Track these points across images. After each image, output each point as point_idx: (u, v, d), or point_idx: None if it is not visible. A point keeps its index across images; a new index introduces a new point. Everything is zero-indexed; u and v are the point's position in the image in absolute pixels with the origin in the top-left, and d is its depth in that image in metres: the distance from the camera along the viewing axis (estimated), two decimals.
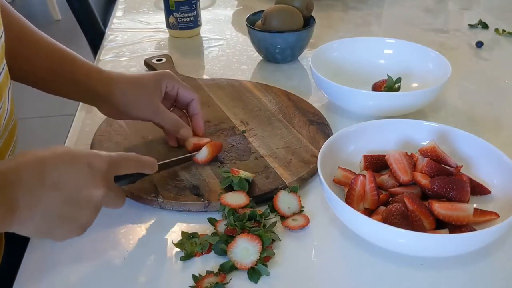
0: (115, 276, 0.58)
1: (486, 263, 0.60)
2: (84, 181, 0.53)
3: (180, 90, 0.75)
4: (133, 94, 0.72)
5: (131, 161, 0.60)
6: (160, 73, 0.75)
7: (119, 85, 0.72)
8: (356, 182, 0.63)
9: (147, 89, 0.73)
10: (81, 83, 0.72)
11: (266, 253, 0.58)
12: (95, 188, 0.53)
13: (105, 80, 0.72)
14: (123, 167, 0.59)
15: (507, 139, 0.81)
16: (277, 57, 1.03)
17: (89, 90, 0.72)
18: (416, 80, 0.90)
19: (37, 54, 0.72)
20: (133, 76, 0.74)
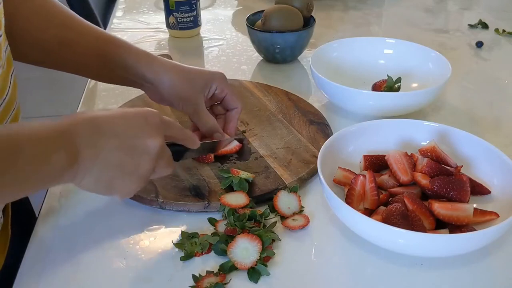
0: (115, 276, 0.58)
1: (486, 263, 0.60)
2: (141, 130, 0.55)
3: (228, 96, 0.75)
4: (180, 87, 0.72)
5: (177, 127, 0.61)
6: (213, 74, 0.74)
7: (169, 74, 0.72)
8: (356, 182, 0.63)
9: (195, 86, 0.72)
10: (130, 68, 0.72)
11: (266, 253, 0.58)
12: (151, 137, 0.55)
13: (155, 67, 0.72)
14: (172, 129, 0.60)
15: (507, 139, 0.81)
16: (277, 57, 1.03)
17: (138, 75, 0.72)
18: (416, 80, 0.90)
19: (84, 39, 0.72)
20: (185, 69, 0.73)
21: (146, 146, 0.54)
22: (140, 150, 0.54)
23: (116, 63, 0.72)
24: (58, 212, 0.67)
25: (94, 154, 0.51)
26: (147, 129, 0.55)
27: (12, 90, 0.65)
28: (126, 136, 0.54)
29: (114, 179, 0.54)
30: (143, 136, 0.54)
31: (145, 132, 0.55)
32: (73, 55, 0.72)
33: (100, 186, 0.54)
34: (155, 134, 0.55)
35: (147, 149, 0.54)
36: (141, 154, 0.54)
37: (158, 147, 0.55)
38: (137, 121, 0.55)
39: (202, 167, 0.72)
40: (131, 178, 0.55)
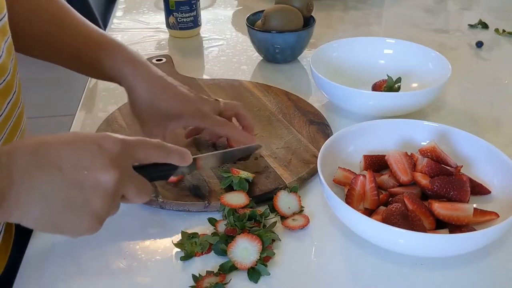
0: (115, 276, 0.58)
1: (486, 263, 0.60)
2: (90, 162, 0.46)
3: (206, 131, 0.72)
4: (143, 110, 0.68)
5: (153, 146, 0.52)
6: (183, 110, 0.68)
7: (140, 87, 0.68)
8: (356, 182, 0.63)
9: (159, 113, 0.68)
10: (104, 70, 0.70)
11: (266, 253, 0.58)
12: (104, 170, 0.46)
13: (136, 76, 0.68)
14: (143, 153, 0.51)
15: (507, 139, 0.81)
16: (277, 57, 1.03)
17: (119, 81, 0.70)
18: (416, 80, 0.90)
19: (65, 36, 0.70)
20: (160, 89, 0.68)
21: (96, 181, 0.46)
22: (89, 185, 0.46)
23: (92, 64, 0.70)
24: None
25: (29, 188, 0.45)
26: (100, 159, 0.47)
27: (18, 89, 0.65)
28: (71, 168, 0.46)
29: (59, 216, 0.46)
30: (94, 168, 0.46)
31: (97, 163, 0.46)
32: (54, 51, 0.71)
33: (44, 225, 0.47)
34: (110, 164, 0.47)
35: (97, 184, 0.46)
36: (90, 190, 0.46)
37: (113, 182, 0.47)
38: (87, 149, 0.47)
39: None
40: (79, 216, 0.47)
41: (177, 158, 0.54)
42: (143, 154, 0.52)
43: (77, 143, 0.48)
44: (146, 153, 0.52)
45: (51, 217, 0.47)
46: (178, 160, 0.55)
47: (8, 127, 0.63)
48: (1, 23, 0.61)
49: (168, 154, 0.54)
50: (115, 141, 0.48)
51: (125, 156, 0.49)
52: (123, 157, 0.49)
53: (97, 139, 0.48)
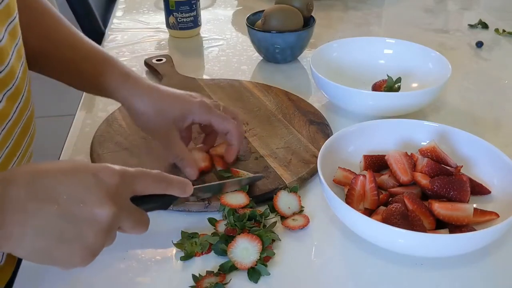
0: (115, 276, 0.58)
1: (486, 263, 0.60)
2: (87, 195, 0.45)
3: (213, 123, 0.69)
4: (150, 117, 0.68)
5: (152, 178, 0.51)
6: (190, 105, 0.68)
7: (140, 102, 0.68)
8: (356, 182, 0.63)
9: (166, 118, 0.68)
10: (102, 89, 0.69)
11: (266, 253, 0.58)
12: (100, 205, 0.45)
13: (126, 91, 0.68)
14: (141, 185, 0.50)
15: (507, 139, 0.81)
16: (277, 57, 1.03)
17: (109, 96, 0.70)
18: (416, 80, 0.90)
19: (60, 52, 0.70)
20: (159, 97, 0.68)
21: (91, 215, 0.45)
22: (84, 219, 0.45)
23: (89, 81, 0.70)
24: None
25: (22, 220, 0.44)
26: (96, 192, 0.45)
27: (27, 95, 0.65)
28: (66, 200, 0.45)
29: (51, 249, 0.45)
30: (89, 202, 0.45)
31: (93, 197, 0.45)
32: (49, 67, 0.71)
33: (36, 256, 0.46)
34: (106, 198, 0.46)
35: (93, 218, 0.45)
36: (84, 224, 0.45)
37: (109, 217, 0.46)
38: (84, 181, 0.46)
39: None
40: (72, 249, 0.46)
41: (178, 190, 0.54)
42: (141, 186, 0.51)
43: (74, 174, 0.46)
44: (144, 185, 0.51)
45: (44, 250, 0.45)
46: (179, 192, 0.54)
47: (16, 132, 0.62)
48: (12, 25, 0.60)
49: (168, 186, 0.53)
50: (113, 174, 0.47)
51: (123, 189, 0.48)
52: (121, 190, 0.48)
53: (95, 170, 0.47)
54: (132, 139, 0.78)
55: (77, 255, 0.46)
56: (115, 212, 0.46)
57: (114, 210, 0.46)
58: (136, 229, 0.50)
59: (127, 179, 0.49)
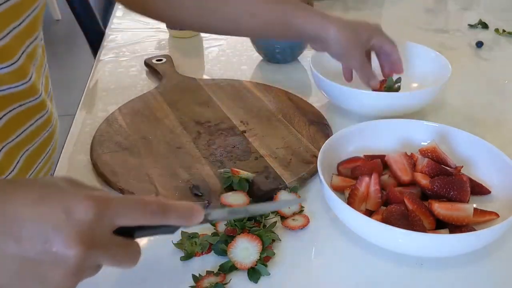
0: (115, 276, 0.58)
1: (486, 263, 0.60)
2: (52, 234, 0.39)
3: (384, 47, 0.81)
4: (344, 43, 0.77)
5: (142, 210, 0.43)
6: (373, 30, 0.81)
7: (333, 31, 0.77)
8: (361, 183, 0.62)
9: (358, 42, 0.78)
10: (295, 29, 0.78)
11: (266, 253, 0.58)
12: (66, 245, 0.39)
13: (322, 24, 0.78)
14: (126, 219, 0.42)
15: (507, 139, 0.81)
16: (277, 57, 1.03)
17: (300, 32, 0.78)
18: (416, 80, 0.90)
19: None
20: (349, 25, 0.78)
21: (56, 257, 0.39)
22: (47, 261, 0.39)
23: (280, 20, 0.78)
24: None
25: None
26: (63, 231, 0.39)
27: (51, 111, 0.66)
28: (29, 240, 0.39)
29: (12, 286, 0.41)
30: (54, 242, 0.39)
31: (58, 237, 0.39)
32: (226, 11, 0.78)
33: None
34: (72, 239, 0.39)
35: (58, 260, 0.39)
36: (48, 266, 0.40)
37: (76, 258, 0.39)
38: (52, 216, 0.39)
39: (202, 167, 0.72)
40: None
41: (179, 220, 0.45)
42: (126, 220, 0.43)
43: (43, 207, 0.40)
44: (131, 218, 0.43)
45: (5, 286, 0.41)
46: (181, 222, 0.46)
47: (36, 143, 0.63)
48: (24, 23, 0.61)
49: (164, 218, 0.44)
50: (88, 208, 0.40)
51: (100, 225, 0.41)
52: (97, 226, 0.41)
53: (68, 203, 0.40)
54: (132, 139, 0.78)
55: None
56: (84, 253, 0.40)
57: (81, 251, 0.40)
58: (121, 265, 0.44)
59: (107, 212, 0.41)
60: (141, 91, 0.92)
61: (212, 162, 0.73)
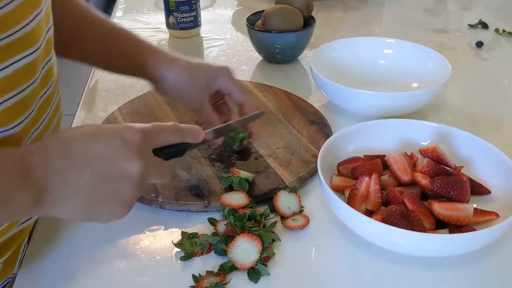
0: (115, 276, 0.58)
1: (486, 263, 0.60)
2: (115, 155, 0.49)
3: (234, 91, 0.74)
4: (182, 85, 0.72)
5: (169, 131, 0.55)
6: (217, 71, 0.74)
7: (171, 71, 0.72)
8: (361, 183, 0.62)
9: (197, 84, 0.72)
10: (134, 63, 0.73)
11: (266, 253, 0.58)
12: (129, 161, 0.49)
13: (158, 60, 0.73)
14: (161, 138, 0.54)
15: (507, 139, 0.81)
16: (277, 57, 1.03)
17: (142, 69, 0.73)
18: (416, 80, 0.90)
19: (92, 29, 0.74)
20: (189, 66, 0.73)
21: (123, 172, 0.49)
22: (117, 177, 0.49)
23: (120, 55, 0.74)
24: None
25: (64, 187, 0.48)
26: (124, 151, 0.49)
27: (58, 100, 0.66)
28: (99, 164, 0.48)
29: (92, 208, 0.50)
30: (120, 160, 0.49)
31: (122, 156, 0.49)
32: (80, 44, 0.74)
33: (80, 216, 0.51)
34: (133, 155, 0.49)
35: (125, 175, 0.49)
36: (118, 182, 0.49)
37: (139, 171, 0.50)
38: (111, 143, 0.49)
39: (202, 167, 0.72)
40: (112, 205, 0.50)
41: (192, 136, 0.57)
42: (161, 139, 0.54)
43: (101, 138, 0.50)
44: (164, 137, 0.55)
45: (85, 210, 0.50)
46: (193, 138, 0.58)
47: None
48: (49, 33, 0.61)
49: (183, 135, 0.57)
50: (135, 132, 0.51)
51: (146, 144, 0.52)
52: (144, 145, 0.51)
53: (119, 131, 0.50)
54: None
55: (116, 209, 0.51)
56: (143, 165, 0.50)
57: (141, 163, 0.49)
58: (162, 179, 0.54)
59: (148, 134, 0.52)
60: (141, 91, 0.92)
61: (212, 162, 0.73)
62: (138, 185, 0.51)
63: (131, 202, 0.51)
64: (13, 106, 0.53)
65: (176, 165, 0.72)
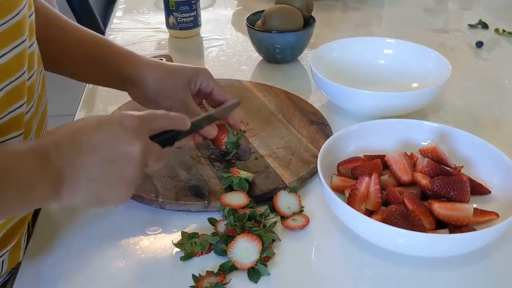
0: (115, 276, 0.58)
1: (486, 263, 0.60)
2: (117, 139, 0.53)
3: (215, 89, 0.74)
4: (165, 83, 0.72)
5: (161, 117, 0.59)
6: (197, 69, 0.74)
7: (152, 71, 0.72)
8: (361, 183, 0.62)
9: (180, 81, 0.72)
10: (112, 66, 0.73)
11: (266, 253, 0.58)
12: (130, 143, 0.53)
13: (137, 64, 0.72)
14: (155, 123, 0.58)
15: (507, 139, 0.81)
16: (277, 57, 1.03)
17: (120, 74, 0.73)
18: (416, 80, 0.90)
19: (65, 37, 0.73)
20: (169, 65, 0.74)
21: (126, 154, 0.53)
22: (121, 159, 0.53)
23: (97, 60, 0.73)
24: (57, 212, 0.67)
25: (76, 174, 0.52)
26: (124, 135, 0.53)
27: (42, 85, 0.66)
28: (103, 149, 0.53)
29: (101, 192, 0.54)
30: (121, 144, 0.53)
31: (123, 139, 0.53)
32: (55, 52, 0.73)
33: (90, 202, 0.54)
34: (134, 138, 0.53)
35: (128, 156, 0.53)
36: (122, 163, 0.53)
37: (140, 152, 0.53)
38: (112, 129, 0.54)
39: (202, 167, 0.72)
40: (118, 187, 0.54)
41: (181, 123, 0.61)
42: (155, 124, 0.58)
43: (103, 126, 0.54)
44: (157, 122, 0.58)
45: (95, 194, 0.54)
46: (181, 125, 0.61)
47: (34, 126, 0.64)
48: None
49: (174, 122, 0.60)
50: (132, 118, 0.55)
51: (143, 129, 0.55)
52: (142, 130, 0.55)
53: (118, 118, 0.55)
54: None
55: (122, 190, 0.55)
56: (143, 147, 0.54)
57: (141, 144, 0.53)
58: (160, 162, 0.58)
59: (145, 120, 0.56)
60: None
61: (212, 162, 0.73)
62: (140, 166, 0.54)
63: (134, 183, 0.55)
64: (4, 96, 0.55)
65: (176, 165, 0.72)
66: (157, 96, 0.72)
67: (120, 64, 0.72)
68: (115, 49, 0.73)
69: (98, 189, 0.53)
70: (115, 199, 0.55)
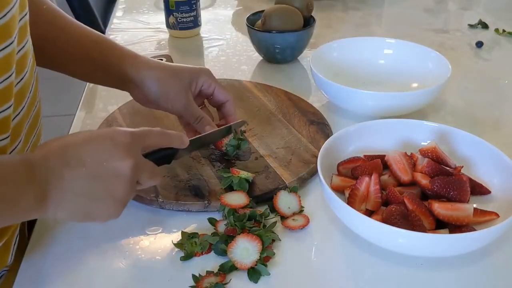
0: (115, 276, 0.58)
1: (486, 263, 0.60)
2: (107, 155, 0.52)
3: (216, 89, 0.74)
4: (167, 85, 0.71)
5: (156, 134, 0.58)
6: (198, 69, 0.74)
7: (153, 72, 0.72)
8: (361, 183, 0.62)
9: (182, 82, 0.72)
10: (112, 66, 0.72)
11: (266, 253, 0.58)
12: (120, 159, 0.52)
13: (138, 66, 0.72)
14: (148, 140, 0.57)
15: (507, 139, 0.81)
16: (277, 57, 1.03)
17: (120, 74, 0.72)
18: (416, 80, 0.90)
19: (67, 36, 0.73)
20: (170, 66, 0.73)
21: (116, 170, 0.52)
22: (110, 174, 0.52)
23: (98, 60, 0.73)
24: None
25: (61, 186, 0.50)
26: (115, 151, 0.52)
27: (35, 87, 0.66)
28: (92, 163, 0.51)
29: (88, 207, 0.52)
30: (111, 159, 0.52)
31: (113, 155, 0.52)
32: (56, 51, 0.72)
33: (76, 216, 0.53)
34: (124, 154, 0.52)
35: (117, 172, 0.52)
36: (111, 179, 0.52)
37: (130, 168, 0.52)
38: (103, 144, 0.53)
39: (202, 167, 0.72)
40: (106, 202, 0.53)
41: (178, 141, 0.60)
42: (149, 141, 0.57)
43: (94, 141, 0.53)
44: (151, 140, 0.58)
45: (82, 209, 0.52)
46: (178, 143, 0.60)
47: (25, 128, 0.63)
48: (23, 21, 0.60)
49: (170, 139, 0.59)
50: (125, 134, 0.54)
51: (136, 146, 0.54)
52: (134, 146, 0.54)
53: (110, 134, 0.54)
54: None
55: (110, 207, 0.53)
56: (134, 163, 0.53)
57: (132, 161, 0.52)
58: (153, 179, 0.57)
59: (137, 137, 0.55)
60: None
61: (212, 162, 0.73)
62: (130, 183, 0.53)
63: (124, 200, 0.54)
64: None
65: (176, 165, 0.72)
66: (158, 98, 0.72)
67: (121, 64, 0.72)
68: (116, 49, 0.73)
69: (85, 204, 0.52)
70: (103, 215, 0.54)
